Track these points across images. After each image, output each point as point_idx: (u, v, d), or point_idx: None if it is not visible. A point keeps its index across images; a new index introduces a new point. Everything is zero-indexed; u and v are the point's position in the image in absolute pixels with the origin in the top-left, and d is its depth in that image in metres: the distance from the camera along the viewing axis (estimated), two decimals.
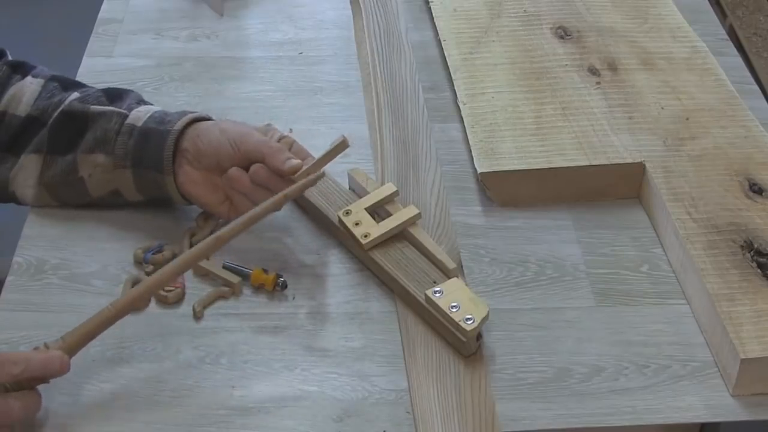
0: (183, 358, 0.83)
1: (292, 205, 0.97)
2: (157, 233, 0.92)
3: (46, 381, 0.76)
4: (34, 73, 0.96)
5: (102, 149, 0.90)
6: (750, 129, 1.01)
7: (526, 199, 0.98)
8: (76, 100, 0.93)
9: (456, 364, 0.82)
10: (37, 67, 0.98)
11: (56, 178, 0.92)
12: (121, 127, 0.91)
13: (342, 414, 0.78)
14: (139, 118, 0.91)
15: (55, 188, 0.93)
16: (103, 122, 0.91)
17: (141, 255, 0.89)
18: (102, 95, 0.95)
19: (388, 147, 1.02)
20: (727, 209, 0.92)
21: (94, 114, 0.92)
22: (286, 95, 1.12)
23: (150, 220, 0.93)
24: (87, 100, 0.93)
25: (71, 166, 0.91)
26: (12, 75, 0.96)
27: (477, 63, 1.11)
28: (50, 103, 0.93)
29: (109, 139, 0.90)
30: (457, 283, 0.85)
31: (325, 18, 1.25)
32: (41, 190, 0.93)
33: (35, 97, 0.94)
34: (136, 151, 0.90)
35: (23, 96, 0.94)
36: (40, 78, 0.96)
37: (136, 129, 0.90)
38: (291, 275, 0.89)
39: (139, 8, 1.26)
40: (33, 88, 0.95)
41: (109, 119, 0.91)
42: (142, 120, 0.91)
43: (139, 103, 0.95)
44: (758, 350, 0.79)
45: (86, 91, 0.95)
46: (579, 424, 0.78)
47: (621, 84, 1.08)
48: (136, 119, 0.91)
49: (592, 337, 0.85)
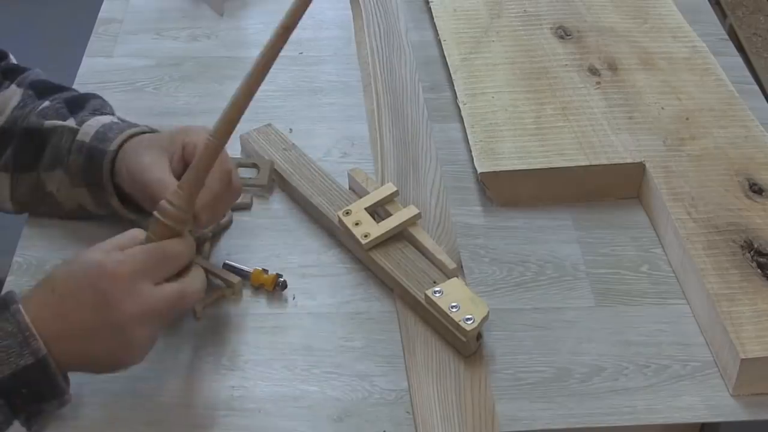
0: (183, 358, 0.83)
1: (292, 205, 0.97)
2: None
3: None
4: (18, 81, 0.95)
5: (58, 166, 0.89)
6: (750, 129, 1.01)
7: (526, 199, 0.98)
8: (37, 113, 0.91)
9: (456, 364, 0.82)
10: (27, 71, 0.97)
11: (26, 195, 0.91)
12: (71, 144, 0.88)
13: (342, 414, 0.78)
14: (87, 133, 0.88)
15: (28, 204, 0.92)
16: (56, 139, 0.89)
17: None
18: (63, 106, 0.92)
19: (388, 147, 1.02)
20: (727, 209, 0.92)
21: (48, 130, 0.90)
22: (286, 95, 1.12)
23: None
24: (47, 113, 0.91)
25: (37, 183, 0.90)
26: (2, 82, 0.95)
27: (477, 63, 1.11)
28: (21, 114, 0.92)
29: (62, 157, 0.89)
30: (457, 283, 0.85)
31: (325, 18, 1.25)
32: (16, 206, 0.93)
33: (12, 108, 0.93)
34: (85, 170, 0.88)
35: (6, 107, 0.93)
36: (21, 87, 0.95)
37: (84, 146, 0.88)
38: (291, 275, 0.89)
39: (139, 8, 1.26)
40: (15, 98, 0.94)
41: (61, 136, 0.89)
42: (89, 135, 0.88)
43: (94, 113, 0.92)
44: (758, 350, 0.79)
45: (54, 99, 0.93)
46: (579, 424, 0.78)
47: (621, 84, 1.08)
48: (85, 135, 0.88)
49: (592, 337, 0.85)
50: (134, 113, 1.05)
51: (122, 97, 1.10)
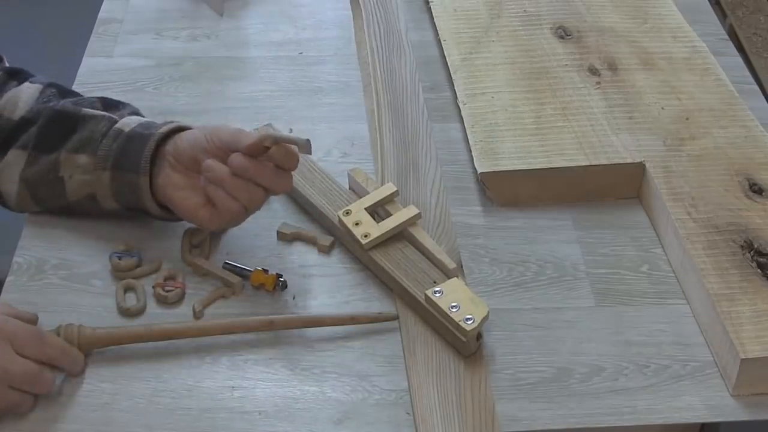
0: (183, 358, 0.83)
1: (292, 205, 0.97)
2: (158, 233, 0.92)
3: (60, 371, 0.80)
4: (32, 80, 0.96)
5: (86, 150, 0.89)
6: (750, 129, 1.01)
7: (526, 199, 0.98)
8: (72, 102, 0.93)
9: (456, 364, 0.82)
10: (35, 75, 0.98)
11: (36, 174, 0.91)
12: (108, 130, 0.90)
13: (342, 415, 0.78)
14: (128, 124, 0.90)
15: (35, 186, 0.92)
16: (92, 124, 0.90)
17: (115, 260, 0.89)
18: (97, 101, 0.94)
19: (388, 147, 1.02)
20: (727, 209, 0.92)
21: (85, 116, 0.91)
22: (286, 95, 1.12)
23: (150, 221, 0.93)
24: (81, 103, 0.93)
25: (53, 165, 0.90)
26: (8, 81, 0.95)
27: (477, 63, 1.11)
28: (45, 107, 0.93)
29: (95, 140, 0.89)
30: (457, 283, 0.85)
31: (325, 18, 1.25)
32: (21, 187, 0.92)
33: (32, 101, 0.93)
34: (117, 154, 0.88)
35: (19, 101, 0.93)
36: (38, 84, 0.95)
37: (122, 133, 0.89)
38: (291, 275, 0.89)
39: (139, 8, 1.26)
40: (30, 92, 0.94)
41: (99, 122, 0.91)
42: (130, 126, 0.90)
43: (133, 114, 0.94)
44: (758, 350, 0.79)
45: (84, 98, 0.95)
46: (579, 424, 0.78)
47: (621, 84, 1.08)
48: (125, 125, 0.90)
49: (592, 337, 0.85)
50: None
51: (122, 97, 1.09)
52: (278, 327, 0.84)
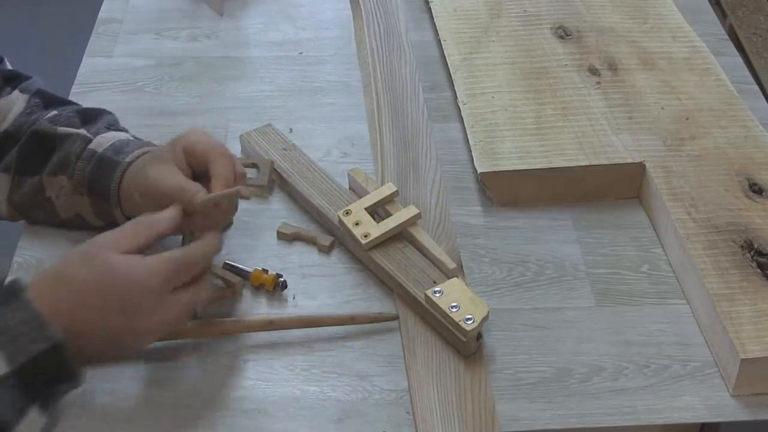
0: (183, 358, 0.82)
1: (292, 205, 0.97)
2: None
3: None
4: (21, 87, 0.95)
5: (64, 172, 0.89)
6: (750, 129, 1.01)
7: (526, 199, 0.98)
8: (47, 119, 0.92)
9: (456, 364, 0.82)
10: (30, 79, 0.97)
11: (24, 197, 0.91)
12: (82, 151, 0.89)
13: (342, 414, 0.78)
14: (101, 144, 0.89)
15: (25, 208, 0.92)
16: (68, 144, 0.89)
17: None
18: (75, 116, 0.92)
19: (388, 147, 1.02)
20: (727, 209, 0.92)
21: (61, 136, 0.90)
22: (286, 95, 1.12)
23: None
24: (58, 120, 0.91)
25: (39, 187, 0.90)
26: (4, 87, 0.95)
27: (477, 63, 1.11)
28: (27, 120, 0.92)
29: (70, 163, 0.89)
30: (457, 283, 0.85)
31: (325, 18, 1.25)
32: (11, 210, 0.92)
33: (17, 114, 0.93)
34: (90, 178, 0.88)
35: (8, 113, 0.93)
36: (25, 93, 0.95)
37: (95, 155, 0.88)
38: (291, 275, 0.89)
39: (139, 8, 1.26)
40: (19, 104, 0.94)
41: (73, 142, 0.89)
42: (103, 147, 0.89)
43: (110, 128, 0.92)
44: (758, 350, 0.79)
45: (64, 109, 0.93)
46: (579, 424, 0.78)
47: (621, 84, 1.08)
48: (98, 145, 0.89)
49: (592, 337, 0.85)
50: (134, 113, 1.06)
51: (122, 97, 1.10)
52: (278, 327, 0.84)
